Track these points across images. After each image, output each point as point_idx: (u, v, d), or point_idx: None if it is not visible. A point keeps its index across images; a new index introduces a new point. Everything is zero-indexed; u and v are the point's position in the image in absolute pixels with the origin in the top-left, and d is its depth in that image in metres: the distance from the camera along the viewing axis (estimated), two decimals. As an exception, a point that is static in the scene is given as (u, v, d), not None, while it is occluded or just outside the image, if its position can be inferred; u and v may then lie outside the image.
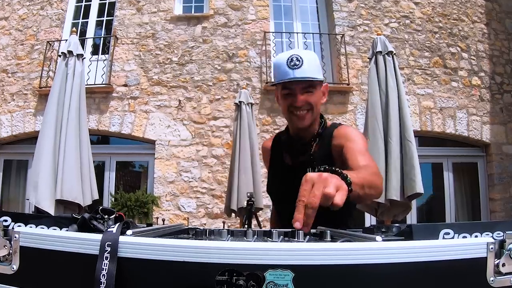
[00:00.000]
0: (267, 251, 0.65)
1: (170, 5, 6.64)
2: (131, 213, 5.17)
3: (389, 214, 3.43)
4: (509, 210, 5.91)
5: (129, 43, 6.49)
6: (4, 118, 6.35)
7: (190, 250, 0.66)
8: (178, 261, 0.65)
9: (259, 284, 0.62)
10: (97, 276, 0.64)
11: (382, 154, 3.31)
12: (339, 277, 0.65)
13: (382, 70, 3.59)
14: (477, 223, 0.86)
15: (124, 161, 6.55)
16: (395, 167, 3.26)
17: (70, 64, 3.69)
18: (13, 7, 6.84)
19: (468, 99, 6.35)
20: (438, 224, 0.79)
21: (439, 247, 0.69)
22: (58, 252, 0.69)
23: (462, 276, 0.68)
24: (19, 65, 6.53)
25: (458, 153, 6.39)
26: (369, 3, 6.66)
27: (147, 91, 6.29)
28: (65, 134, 3.44)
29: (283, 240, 0.93)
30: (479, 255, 0.69)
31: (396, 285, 0.66)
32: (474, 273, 0.69)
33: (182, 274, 0.65)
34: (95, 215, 0.84)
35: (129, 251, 0.67)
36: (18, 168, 6.51)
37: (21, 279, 0.71)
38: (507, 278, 0.70)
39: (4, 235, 0.72)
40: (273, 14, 6.83)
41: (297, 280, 0.63)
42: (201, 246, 0.66)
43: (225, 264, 0.64)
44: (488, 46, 6.61)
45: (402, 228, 0.94)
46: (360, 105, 6.11)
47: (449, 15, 6.69)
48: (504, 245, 0.71)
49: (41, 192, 3.22)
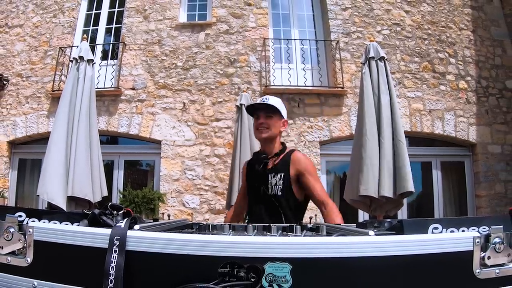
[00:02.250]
0: (266, 245, 0.65)
1: (175, 13, 6.64)
2: (139, 209, 5.17)
3: (381, 209, 3.43)
4: (494, 206, 5.91)
5: (137, 49, 6.49)
6: (19, 120, 6.34)
7: (194, 243, 0.66)
8: (183, 254, 0.65)
9: (258, 276, 0.62)
10: (107, 268, 0.64)
11: (376, 153, 3.31)
12: (334, 269, 0.65)
13: (374, 74, 3.58)
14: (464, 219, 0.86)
15: (132, 160, 6.54)
16: (388, 166, 3.25)
17: (81, 68, 3.68)
18: (27, 15, 6.84)
19: (455, 101, 6.35)
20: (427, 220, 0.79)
21: (428, 241, 0.69)
22: (70, 246, 0.69)
23: (450, 268, 0.69)
24: (33, 69, 6.53)
25: (446, 153, 6.39)
26: (362, 11, 6.66)
27: (154, 94, 6.28)
28: (76, 135, 3.44)
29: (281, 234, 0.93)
30: (466, 249, 0.70)
31: (388, 276, 0.66)
32: (461, 265, 0.69)
33: (186, 266, 0.65)
34: (105, 211, 0.84)
35: (137, 245, 0.67)
36: (32, 167, 6.51)
37: (35, 271, 0.71)
38: (492, 270, 0.71)
39: (19, 229, 0.73)
40: (272, 21, 6.82)
41: (295, 272, 0.63)
42: (204, 240, 0.66)
43: (227, 257, 0.64)
44: (475, 52, 6.61)
45: (393, 223, 0.94)
46: (354, 108, 6.10)
47: (437, 23, 6.68)
48: (489, 239, 0.71)
49: (54, 189, 3.22)
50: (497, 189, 6.02)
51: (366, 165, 3.26)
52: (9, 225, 0.73)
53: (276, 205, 1.88)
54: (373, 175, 3.23)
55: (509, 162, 6.13)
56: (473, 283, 0.69)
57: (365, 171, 3.25)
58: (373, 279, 0.66)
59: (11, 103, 6.44)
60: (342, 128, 6.13)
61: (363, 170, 3.27)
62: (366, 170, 3.25)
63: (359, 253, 0.66)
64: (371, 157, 3.27)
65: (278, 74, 6.43)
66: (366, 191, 3.22)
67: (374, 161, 3.25)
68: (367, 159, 3.27)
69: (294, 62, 6.51)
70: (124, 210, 0.86)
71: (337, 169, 6.44)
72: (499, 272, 0.71)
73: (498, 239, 0.71)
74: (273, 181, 1.91)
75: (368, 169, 3.25)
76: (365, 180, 3.24)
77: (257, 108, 2.03)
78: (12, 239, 0.72)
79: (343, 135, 6.11)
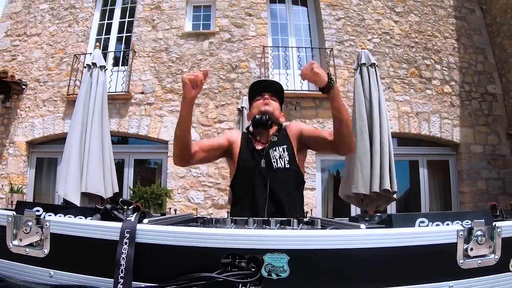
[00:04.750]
0: (266, 237, 0.65)
1: (181, 23, 6.64)
2: (147, 204, 5.17)
3: (372, 204, 3.43)
4: (476, 202, 5.90)
5: (146, 56, 6.49)
6: (37, 122, 6.34)
7: (198, 236, 0.66)
8: (188, 246, 0.65)
9: (258, 266, 0.62)
10: (118, 259, 0.64)
11: (366, 154, 3.31)
12: (329, 260, 0.65)
13: (366, 79, 3.59)
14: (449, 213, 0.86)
15: (141, 159, 6.54)
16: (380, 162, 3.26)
17: (94, 74, 3.69)
18: (44, 25, 6.83)
19: (440, 105, 6.35)
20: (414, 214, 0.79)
21: (415, 234, 0.69)
22: (84, 238, 0.69)
23: (435, 258, 0.69)
24: (50, 75, 6.52)
25: (432, 152, 6.38)
26: (354, 21, 6.65)
27: (161, 98, 6.28)
28: (90, 135, 3.44)
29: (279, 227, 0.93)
30: (450, 241, 0.70)
31: (378, 266, 0.66)
32: (445, 256, 0.69)
33: (191, 257, 0.65)
34: (116, 206, 0.84)
35: (146, 237, 0.67)
36: (48, 165, 6.51)
37: (51, 262, 0.71)
38: (474, 261, 0.71)
39: (36, 223, 0.73)
40: (271, 30, 6.82)
41: (292, 262, 0.63)
42: (208, 233, 0.66)
43: (229, 249, 0.64)
44: (458, 59, 6.61)
45: (383, 217, 0.94)
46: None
47: (424, 32, 6.68)
48: (472, 232, 0.71)
49: (69, 186, 3.22)
50: (479, 186, 6.02)
51: (355, 165, 3.27)
52: (27, 219, 0.73)
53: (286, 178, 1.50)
54: (363, 174, 3.23)
55: (490, 161, 6.13)
56: (457, 273, 0.69)
57: (355, 171, 3.26)
58: (364, 269, 0.66)
59: (29, 106, 6.43)
60: (336, 129, 6.12)
61: (353, 170, 3.28)
62: (356, 170, 3.26)
63: (351, 245, 0.66)
64: (361, 158, 3.27)
65: (276, 79, 6.42)
66: (357, 189, 3.23)
67: (364, 161, 3.26)
68: (357, 160, 3.28)
69: (291, 68, 6.51)
70: (134, 205, 0.86)
71: (331, 168, 6.44)
72: (481, 263, 0.71)
73: (480, 232, 0.71)
74: (277, 154, 1.52)
75: (357, 169, 3.25)
76: (355, 179, 3.25)
77: (263, 88, 1.68)
78: (30, 232, 0.72)
79: (337, 135, 6.09)
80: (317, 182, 5.96)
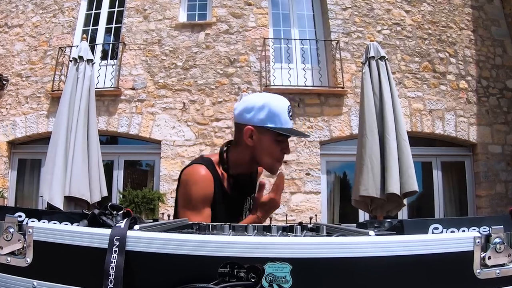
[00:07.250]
0: (266, 245, 0.65)
1: (175, 13, 6.64)
2: (138, 209, 5.17)
3: (382, 210, 3.43)
4: (494, 206, 5.91)
5: (136, 49, 6.49)
6: (19, 120, 6.34)
7: (194, 244, 0.66)
8: (183, 254, 0.65)
9: (258, 276, 0.62)
10: (106, 268, 0.64)
11: (377, 153, 3.31)
12: (334, 270, 0.65)
13: (375, 74, 3.60)
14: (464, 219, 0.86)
15: (131, 160, 6.54)
16: (394, 163, 3.25)
17: (81, 68, 3.69)
18: (27, 15, 6.83)
19: (456, 101, 6.35)
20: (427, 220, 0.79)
21: (429, 241, 0.69)
22: (70, 246, 0.69)
23: (450, 268, 0.68)
24: (33, 69, 6.53)
25: (447, 153, 6.39)
26: (362, 11, 6.66)
27: (153, 94, 6.28)
28: (75, 135, 3.44)
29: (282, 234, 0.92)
30: (466, 249, 0.69)
31: (388, 277, 0.66)
32: (461, 265, 0.69)
33: (186, 266, 0.65)
34: (104, 211, 0.84)
35: (137, 245, 0.67)
36: (32, 167, 6.51)
37: (34, 272, 0.71)
38: (492, 271, 0.70)
39: (18, 229, 0.72)
40: (272, 21, 6.82)
41: (295, 272, 0.63)
42: (204, 240, 0.66)
43: (227, 257, 0.64)
44: (475, 52, 6.61)
45: (393, 223, 0.94)
46: (354, 107, 6.10)
47: (438, 23, 6.68)
48: (490, 239, 0.71)
49: (54, 189, 3.22)
50: (498, 189, 6.02)
51: (366, 165, 3.27)
52: (8, 225, 0.73)
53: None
54: (373, 175, 3.23)
55: (509, 162, 6.13)
56: (474, 283, 0.69)
57: (365, 171, 3.26)
58: (373, 279, 0.66)
59: (11, 103, 6.44)
60: (342, 128, 6.13)
61: (363, 170, 3.28)
62: (366, 170, 3.26)
63: (359, 253, 0.66)
64: (371, 157, 3.28)
65: (278, 74, 6.43)
66: (366, 191, 3.23)
67: (375, 160, 3.26)
68: (367, 159, 3.28)
69: (294, 62, 6.51)
70: (124, 210, 0.86)
71: (337, 169, 6.45)
72: (499, 273, 0.71)
73: (499, 239, 0.71)
74: (247, 205, 1.52)
75: (368, 169, 3.26)
76: (364, 180, 3.25)
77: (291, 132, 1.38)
78: (11, 239, 0.72)
79: (343, 135, 6.11)
80: (322, 185, 5.95)
